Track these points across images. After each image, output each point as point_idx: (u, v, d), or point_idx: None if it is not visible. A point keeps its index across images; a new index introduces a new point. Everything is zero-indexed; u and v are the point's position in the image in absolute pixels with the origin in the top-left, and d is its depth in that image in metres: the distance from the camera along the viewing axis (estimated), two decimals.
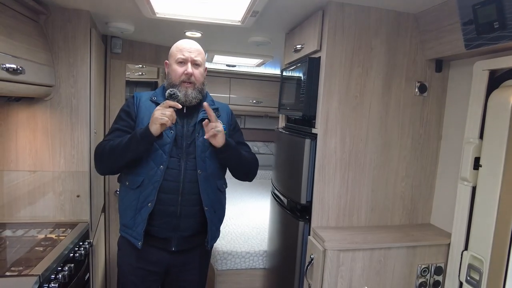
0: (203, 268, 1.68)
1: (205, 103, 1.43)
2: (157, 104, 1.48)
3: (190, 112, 1.53)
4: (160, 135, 1.39)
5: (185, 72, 1.48)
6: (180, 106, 1.39)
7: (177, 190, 1.47)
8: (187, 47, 1.51)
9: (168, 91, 1.42)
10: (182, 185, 1.47)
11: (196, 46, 1.54)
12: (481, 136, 1.39)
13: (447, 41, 1.49)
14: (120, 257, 1.61)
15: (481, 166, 1.38)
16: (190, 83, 1.49)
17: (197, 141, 1.50)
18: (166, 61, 1.57)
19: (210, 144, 1.47)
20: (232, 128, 1.67)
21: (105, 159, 1.46)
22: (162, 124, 1.35)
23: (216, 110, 1.59)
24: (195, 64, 1.51)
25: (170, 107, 1.36)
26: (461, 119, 1.56)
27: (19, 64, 1.28)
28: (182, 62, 1.50)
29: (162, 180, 1.44)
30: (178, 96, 1.42)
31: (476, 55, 1.44)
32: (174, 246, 1.51)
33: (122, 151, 1.41)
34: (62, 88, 1.74)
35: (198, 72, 1.51)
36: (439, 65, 1.69)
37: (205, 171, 1.50)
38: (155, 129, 1.35)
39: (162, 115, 1.34)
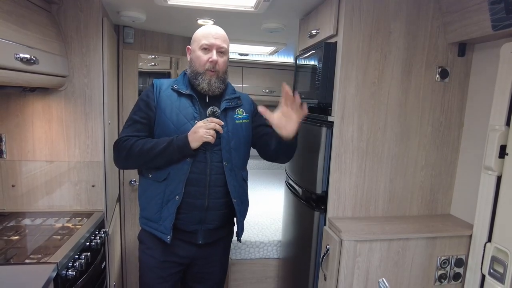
0: (224, 260, 1.67)
1: (260, 108, 1.39)
2: (179, 93, 1.46)
3: (212, 102, 1.47)
4: (197, 148, 1.38)
5: (210, 59, 1.42)
6: (221, 130, 1.39)
7: (204, 183, 1.42)
8: (212, 32, 1.44)
9: (210, 108, 1.41)
10: (209, 177, 1.43)
11: (222, 32, 1.48)
12: (507, 123, 1.32)
13: (472, 22, 1.40)
14: (143, 251, 1.55)
15: (507, 155, 1.31)
16: (213, 71, 1.44)
17: (222, 132, 1.45)
18: (189, 46, 1.51)
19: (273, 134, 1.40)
20: (255, 114, 1.61)
21: (132, 159, 1.42)
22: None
23: (238, 98, 1.56)
24: (220, 51, 1.45)
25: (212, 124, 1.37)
26: (485, 105, 1.49)
27: (33, 54, 1.28)
28: (207, 49, 1.43)
29: (189, 173, 1.41)
30: (219, 113, 1.42)
31: (504, 36, 1.36)
32: (201, 239, 1.48)
33: (155, 157, 1.38)
34: (76, 78, 1.74)
35: (222, 61, 1.46)
36: (462, 48, 1.61)
37: (230, 162, 1.47)
38: (196, 146, 1.36)
39: (207, 133, 1.35)
